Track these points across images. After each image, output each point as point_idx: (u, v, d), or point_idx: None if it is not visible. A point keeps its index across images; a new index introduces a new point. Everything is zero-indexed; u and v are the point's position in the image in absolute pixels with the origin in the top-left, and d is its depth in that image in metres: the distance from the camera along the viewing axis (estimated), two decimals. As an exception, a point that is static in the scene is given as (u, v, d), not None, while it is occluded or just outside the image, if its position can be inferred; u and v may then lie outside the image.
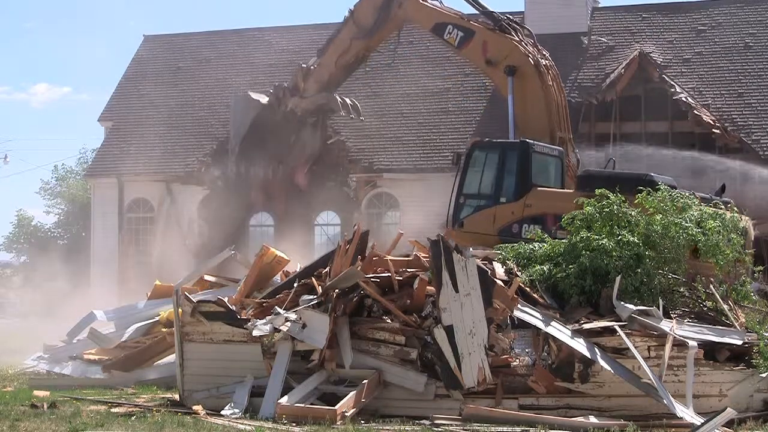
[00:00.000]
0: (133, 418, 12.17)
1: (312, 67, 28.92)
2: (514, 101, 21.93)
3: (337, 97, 29.80)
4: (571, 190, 18.97)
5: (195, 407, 12.83)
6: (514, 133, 22.25)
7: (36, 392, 14.91)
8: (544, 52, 22.84)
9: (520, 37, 22.55)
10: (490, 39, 22.63)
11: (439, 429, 11.62)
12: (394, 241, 15.68)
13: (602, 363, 12.26)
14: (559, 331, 12.64)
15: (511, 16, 23.92)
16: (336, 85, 29.46)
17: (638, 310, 13.01)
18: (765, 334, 12.95)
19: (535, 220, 18.70)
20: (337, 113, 30.74)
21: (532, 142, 19.96)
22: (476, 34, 22.87)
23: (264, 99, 29.91)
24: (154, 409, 12.87)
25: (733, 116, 30.62)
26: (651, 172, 18.20)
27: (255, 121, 29.97)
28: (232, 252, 17.91)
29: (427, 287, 13.28)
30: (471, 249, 13.47)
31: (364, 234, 14.54)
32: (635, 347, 12.36)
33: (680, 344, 12.49)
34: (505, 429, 11.46)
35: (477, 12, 24.44)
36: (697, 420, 11.51)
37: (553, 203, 18.66)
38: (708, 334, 13.02)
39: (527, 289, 13.59)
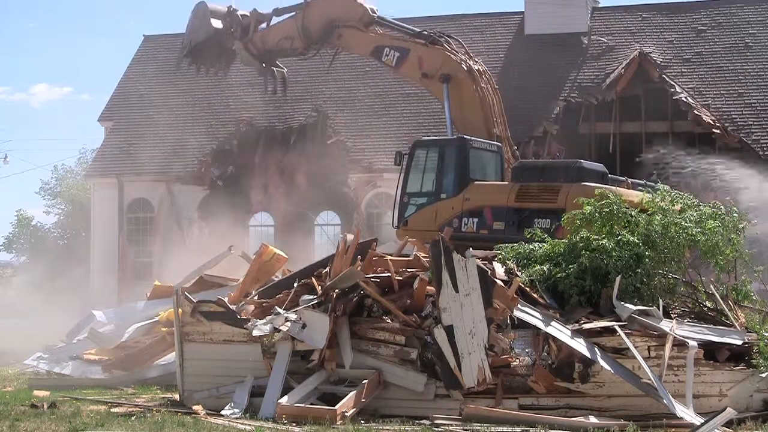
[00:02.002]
0: (133, 418, 12.18)
1: (262, 27, 27.27)
2: (451, 106, 22.31)
3: (269, 77, 27.77)
4: (506, 182, 19.24)
5: (195, 407, 12.84)
6: (452, 135, 22.54)
7: (36, 392, 14.92)
8: (476, 59, 23.31)
9: (451, 46, 22.93)
10: (424, 53, 23.08)
11: (439, 429, 11.62)
12: (399, 246, 15.77)
13: (602, 363, 12.25)
14: (559, 331, 12.63)
15: (440, 31, 24.23)
16: (273, 58, 27.89)
17: (638, 310, 13.00)
18: (765, 333, 12.95)
19: (474, 213, 18.89)
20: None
21: (469, 138, 20.21)
22: (411, 51, 23.32)
23: (219, 24, 27.34)
24: (154, 409, 12.88)
25: (733, 116, 30.61)
26: (582, 160, 18.96)
27: (209, 39, 28.02)
28: (231, 252, 17.91)
29: (427, 287, 13.29)
30: (471, 249, 13.47)
31: (370, 241, 14.59)
32: (635, 347, 12.35)
33: (680, 344, 12.48)
34: (505, 429, 11.46)
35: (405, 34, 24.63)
36: (697, 420, 11.50)
37: (490, 195, 18.88)
38: (708, 334, 13.01)
39: (527, 289, 13.58)
